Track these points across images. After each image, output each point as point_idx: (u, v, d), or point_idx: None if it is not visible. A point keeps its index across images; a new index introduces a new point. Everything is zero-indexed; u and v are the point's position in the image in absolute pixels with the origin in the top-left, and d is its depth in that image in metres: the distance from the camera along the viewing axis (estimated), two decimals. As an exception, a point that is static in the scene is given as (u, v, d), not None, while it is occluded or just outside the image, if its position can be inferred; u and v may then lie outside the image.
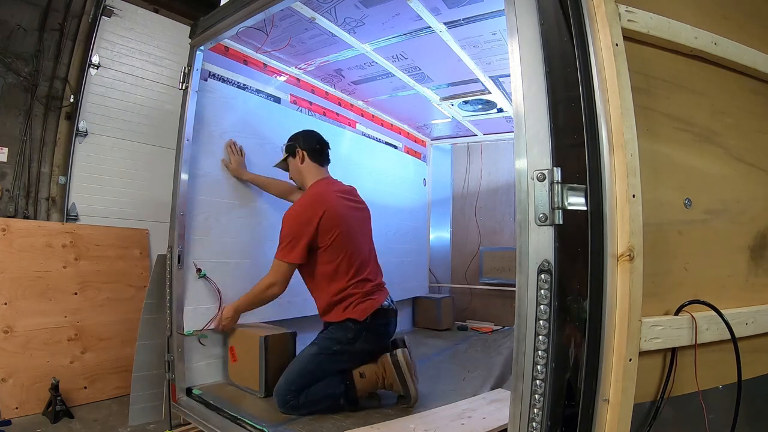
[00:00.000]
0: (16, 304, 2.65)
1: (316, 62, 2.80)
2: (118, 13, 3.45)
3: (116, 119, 3.46)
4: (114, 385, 2.92)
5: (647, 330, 1.00)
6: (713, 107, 1.29)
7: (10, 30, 3.07)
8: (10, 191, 3.07)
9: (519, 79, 1.09)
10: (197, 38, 2.30)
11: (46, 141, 3.22)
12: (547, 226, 1.02)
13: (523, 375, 1.02)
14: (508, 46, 1.12)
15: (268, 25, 2.34)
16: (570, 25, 1.08)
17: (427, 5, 2.12)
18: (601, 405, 0.97)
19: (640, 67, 1.13)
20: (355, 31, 2.40)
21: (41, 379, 2.61)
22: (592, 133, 1.02)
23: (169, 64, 3.67)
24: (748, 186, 1.32)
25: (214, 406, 2.08)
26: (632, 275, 0.96)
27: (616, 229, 0.98)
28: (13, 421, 2.45)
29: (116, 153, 3.46)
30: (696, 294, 1.12)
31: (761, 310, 1.24)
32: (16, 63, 3.09)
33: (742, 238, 1.29)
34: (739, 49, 1.33)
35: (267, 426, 1.87)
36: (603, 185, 1.00)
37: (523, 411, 1.02)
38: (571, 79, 1.06)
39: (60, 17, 3.29)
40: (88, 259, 3.01)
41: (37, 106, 3.19)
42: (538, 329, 1.01)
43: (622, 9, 1.08)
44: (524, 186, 1.04)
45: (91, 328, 2.93)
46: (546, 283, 1.01)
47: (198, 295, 2.32)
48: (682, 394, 1.09)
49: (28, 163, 3.16)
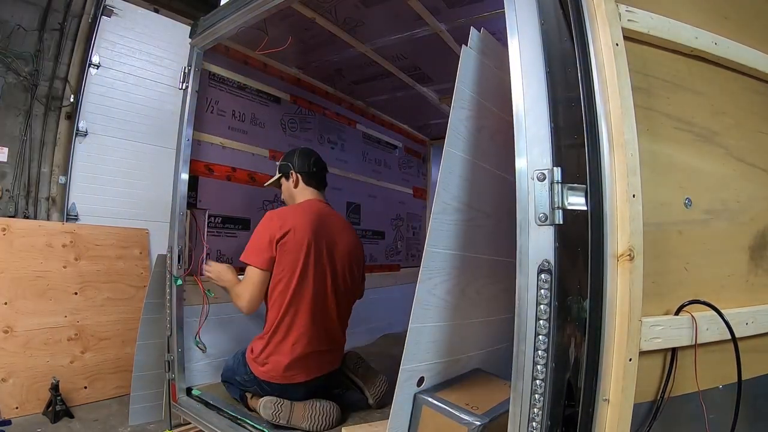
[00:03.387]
0: (16, 303, 2.65)
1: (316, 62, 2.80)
2: (118, 13, 3.45)
3: (116, 119, 3.46)
4: (114, 385, 2.92)
5: (647, 330, 1.00)
6: (713, 107, 1.29)
7: (10, 30, 3.07)
8: (10, 191, 3.07)
9: (519, 79, 1.09)
10: (197, 38, 2.30)
11: (46, 141, 3.22)
12: (547, 225, 1.02)
13: (523, 375, 1.02)
14: (508, 46, 1.12)
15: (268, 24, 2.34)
16: (570, 25, 1.08)
17: (427, 5, 2.12)
18: (601, 405, 0.97)
19: (640, 67, 1.13)
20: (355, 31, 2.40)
21: (41, 379, 2.61)
22: (592, 133, 1.02)
23: (169, 64, 3.67)
24: (748, 186, 1.32)
25: (214, 406, 2.09)
26: (632, 275, 0.96)
27: (616, 229, 0.98)
28: (13, 421, 2.45)
29: (116, 153, 3.46)
30: (696, 294, 1.12)
31: (761, 310, 1.24)
32: (16, 63, 3.09)
33: (743, 238, 1.29)
34: (740, 49, 1.33)
35: (267, 426, 1.88)
36: (603, 185, 1.00)
37: (523, 411, 1.02)
38: (571, 79, 1.06)
39: (60, 17, 3.29)
40: (88, 259, 3.01)
41: (37, 106, 3.19)
42: (538, 329, 1.01)
43: (622, 9, 1.08)
44: (524, 186, 1.04)
45: (91, 328, 2.93)
46: (546, 283, 1.01)
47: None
48: (682, 394, 1.09)
49: (28, 163, 3.16)
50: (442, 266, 1.30)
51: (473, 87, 1.35)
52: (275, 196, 2.86)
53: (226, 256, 2.55)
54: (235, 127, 2.64)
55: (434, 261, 1.27)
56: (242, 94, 2.69)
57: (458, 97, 1.29)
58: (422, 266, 1.24)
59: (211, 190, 2.50)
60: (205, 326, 2.35)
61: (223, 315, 2.47)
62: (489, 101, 1.41)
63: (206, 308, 2.34)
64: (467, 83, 1.33)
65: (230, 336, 2.50)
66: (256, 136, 2.76)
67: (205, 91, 2.44)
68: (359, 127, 3.60)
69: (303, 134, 3.08)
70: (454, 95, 1.29)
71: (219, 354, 2.43)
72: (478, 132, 1.38)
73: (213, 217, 2.48)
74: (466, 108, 1.33)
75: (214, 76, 2.51)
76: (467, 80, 1.33)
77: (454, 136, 1.29)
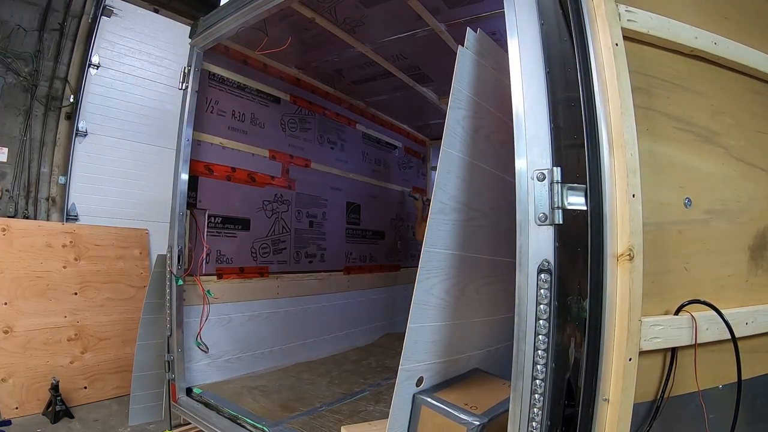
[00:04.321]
0: (16, 304, 2.65)
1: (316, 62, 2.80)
2: (118, 13, 3.45)
3: (116, 119, 3.46)
4: (114, 385, 2.92)
5: (647, 330, 1.00)
6: (713, 107, 1.29)
7: (10, 30, 3.07)
8: (10, 191, 3.07)
9: (519, 79, 1.09)
10: (197, 38, 2.30)
11: (45, 141, 3.22)
12: (547, 225, 1.02)
13: (523, 374, 1.02)
14: (508, 47, 1.12)
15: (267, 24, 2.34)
16: (570, 25, 1.08)
17: (427, 5, 2.12)
18: (601, 404, 0.97)
19: (640, 67, 1.13)
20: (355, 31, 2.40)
21: (41, 379, 2.61)
22: (592, 133, 1.02)
23: (169, 64, 3.67)
24: (748, 186, 1.32)
25: (214, 406, 2.09)
26: (632, 275, 0.96)
27: (616, 229, 0.98)
28: (13, 421, 2.45)
29: (116, 153, 3.46)
30: (696, 294, 1.12)
31: (761, 309, 1.24)
32: (16, 63, 3.09)
33: (742, 237, 1.29)
34: (739, 49, 1.33)
35: (267, 425, 1.88)
36: (603, 185, 1.00)
37: (523, 410, 1.02)
38: (571, 80, 1.06)
39: (60, 17, 3.29)
40: (88, 259, 3.01)
41: (36, 106, 3.19)
42: (538, 329, 1.01)
43: (622, 9, 1.08)
44: (524, 186, 1.04)
45: (91, 328, 2.93)
46: (546, 282, 1.01)
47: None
48: (682, 393, 1.09)
49: (28, 163, 3.16)
50: (440, 266, 1.30)
51: (470, 87, 1.35)
52: (275, 197, 2.86)
53: (226, 256, 2.56)
54: (235, 127, 2.64)
55: (432, 261, 1.27)
56: (242, 94, 2.69)
57: (455, 98, 1.30)
58: (420, 266, 1.24)
59: (211, 190, 2.50)
60: (205, 326, 2.35)
61: (223, 315, 2.48)
62: (486, 101, 1.41)
63: (206, 308, 2.34)
64: (464, 84, 1.33)
65: (230, 336, 2.50)
66: (256, 136, 2.76)
67: (205, 91, 2.44)
68: (359, 127, 3.60)
69: (303, 134, 3.08)
70: (451, 95, 1.29)
71: (219, 354, 2.43)
72: (475, 132, 1.38)
73: (213, 217, 2.48)
74: (463, 108, 1.33)
75: (214, 76, 2.51)
76: (464, 81, 1.33)
77: (451, 136, 1.29)
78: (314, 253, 3.15)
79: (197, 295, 2.35)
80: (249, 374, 2.52)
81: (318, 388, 2.38)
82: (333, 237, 3.30)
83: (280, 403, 2.15)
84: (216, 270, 2.51)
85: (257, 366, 2.61)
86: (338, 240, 3.36)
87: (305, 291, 3.01)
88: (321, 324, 3.09)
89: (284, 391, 2.32)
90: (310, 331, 3.00)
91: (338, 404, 2.16)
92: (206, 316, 2.36)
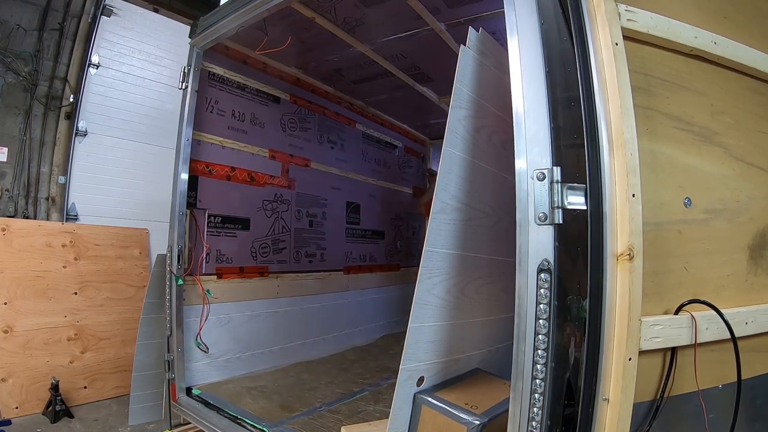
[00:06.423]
0: (16, 303, 2.65)
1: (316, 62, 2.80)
2: (117, 13, 3.45)
3: (116, 119, 3.46)
4: (114, 385, 2.92)
5: (647, 329, 1.00)
6: (713, 107, 1.29)
7: (9, 30, 3.07)
8: (9, 191, 3.07)
9: (519, 78, 1.09)
10: (197, 38, 2.30)
11: (45, 141, 3.22)
12: (547, 225, 1.02)
13: (523, 374, 1.02)
14: (508, 46, 1.12)
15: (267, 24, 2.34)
16: (570, 24, 1.08)
17: (427, 5, 2.12)
18: (600, 404, 0.97)
19: (639, 66, 1.13)
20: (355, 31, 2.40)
21: (41, 379, 2.61)
22: (592, 133, 1.02)
23: (169, 64, 3.67)
24: (747, 186, 1.32)
25: (214, 405, 2.09)
26: (632, 275, 0.96)
27: (616, 229, 0.98)
28: (13, 420, 2.45)
29: (116, 153, 3.46)
30: (696, 293, 1.12)
31: (761, 309, 1.24)
32: (15, 63, 3.09)
33: (742, 237, 1.29)
34: (739, 49, 1.33)
35: (267, 425, 1.88)
36: (603, 185, 1.00)
37: (523, 410, 1.02)
38: (571, 79, 1.06)
39: (60, 17, 3.29)
40: (88, 259, 3.00)
41: (36, 106, 3.19)
42: (538, 328, 1.01)
43: (621, 8, 1.08)
44: (524, 185, 1.04)
45: (91, 327, 2.93)
46: (546, 282, 1.01)
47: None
48: (681, 393, 1.09)
49: (28, 162, 3.16)
50: (441, 266, 1.30)
51: (472, 87, 1.35)
52: (275, 196, 2.86)
53: (226, 256, 2.56)
54: (235, 127, 2.64)
55: (433, 260, 1.27)
56: (242, 94, 2.69)
57: (456, 97, 1.29)
58: (421, 266, 1.24)
59: (211, 189, 2.50)
60: (205, 326, 2.35)
61: (223, 315, 2.48)
62: (487, 101, 1.41)
63: (206, 308, 2.34)
64: (465, 83, 1.33)
65: (230, 336, 2.50)
66: (256, 135, 2.76)
67: (205, 90, 2.44)
68: (359, 127, 3.60)
69: (303, 134, 3.08)
70: (453, 95, 1.29)
71: (219, 354, 2.43)
72: (476, 132, 1.37)
73: (213, 216, 2.48)
74: (465, 108, 1.33)
75: (214, 75, 2.51)
76: (465, 80, 1.33)
77: (453, 135, 1.29)
78: (314, 253, 3.15)
79: (197, 295, 2.35)
80: (249, 374, 2.52)
81: (318, 388, 2.38)
82: (333, 237, 3.30)
83: (279, 403, 2.15)
84: (216, 270, 2.51)
85: (257, 366, 2.61)
86: (338, 240, 3.36)
87: (305, 291, 3.01)
88: (321, 324, 3.09)
89: (284, 391, 2.32)
90: (310, 331, 3.00)
91: (338, 404, 2.16)
92: (206, 315, 2.36)
